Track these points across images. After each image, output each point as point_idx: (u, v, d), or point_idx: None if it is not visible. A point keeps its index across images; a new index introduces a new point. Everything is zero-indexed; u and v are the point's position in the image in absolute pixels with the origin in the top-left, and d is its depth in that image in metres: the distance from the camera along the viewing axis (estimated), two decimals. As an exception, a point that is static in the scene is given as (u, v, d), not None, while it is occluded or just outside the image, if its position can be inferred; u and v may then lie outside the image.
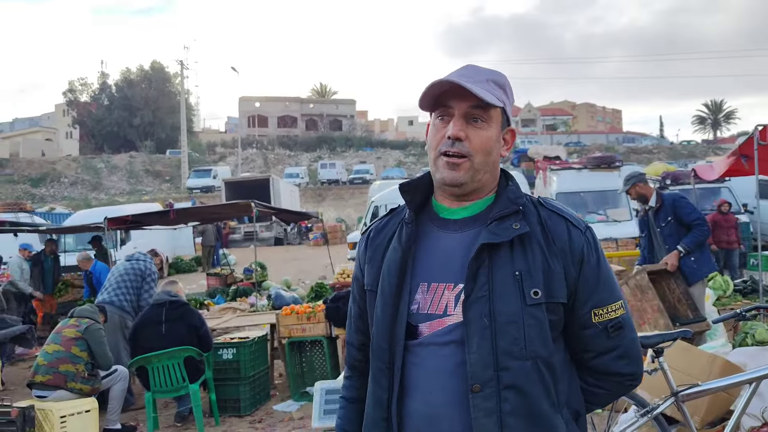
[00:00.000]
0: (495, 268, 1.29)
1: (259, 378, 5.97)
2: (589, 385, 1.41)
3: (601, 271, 1.36)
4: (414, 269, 1.37)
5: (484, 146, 1.35)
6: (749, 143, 5.99)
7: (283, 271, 17.02)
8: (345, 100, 69.16)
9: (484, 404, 1.24)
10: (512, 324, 1.27)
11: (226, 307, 8.19)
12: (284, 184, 28.80)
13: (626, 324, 1.39)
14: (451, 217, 1.40)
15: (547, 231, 1.34)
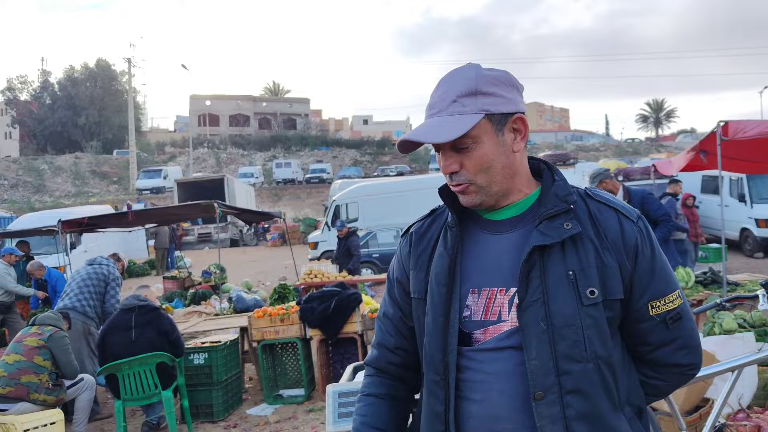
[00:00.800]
0: (547, 269, 1.25)
1: (231, 382, 5.82)
2: (649, 378, 1.38)
3: (656, 262, 1.32)
4: (462, 275, 1.32)
5: (481, 166, 1.28)
6: (710, 139, 6.18)
7: (241, 273, 16.74)
8: (299, 99, 68.60)
9: (548, 411, 1.21)
10: (570, 327, 1.22)
11: (191, 311, 7.98)
12: (239, 184, 28.33)
13: (684, 314, 1.35)
14: (496, 218, 1.35)
15: (597, 225, 1.29)
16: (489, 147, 1.28)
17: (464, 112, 1.26)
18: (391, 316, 1.48)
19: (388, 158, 51.25)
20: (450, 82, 1.30)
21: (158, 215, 10.79)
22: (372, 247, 14.39)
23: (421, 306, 1.37)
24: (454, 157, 1.29)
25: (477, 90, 1.27)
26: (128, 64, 45.86)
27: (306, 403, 5.86)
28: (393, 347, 1.47)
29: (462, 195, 1.32)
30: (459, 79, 1.29)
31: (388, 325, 1.49)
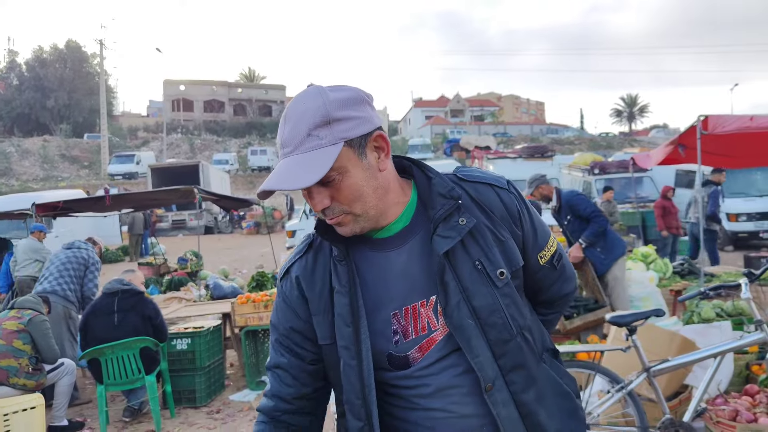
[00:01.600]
0: (458, 268, 1.26)
1: (214, 368, 5.79)
2: (546, 316, 1.50)
3: (533, 219, 1.39)
4: (374, 303, 1.28)
5: (352, 195, 1.23)
6: (690, 133, 6.29)
7: (217, 261, 16.61)
8: (275, 86, 67.84)
9: (500, 397, 1.25)
10: (495, 312, 1.26)
11: (171, 296, 7.90)
12: (214, 171, 28.01)
13: (562, 251, 1.47)
14: (386, 235, 1.31)
15: (482, 205, 1.31)
16: (356, 174, 1.22)
17: (322, 146, 1.18)
18: (285, 365, 1.37)
19: (364, 147, 51.12)
20: (298, 113, 1.21)
21: (136, 200, 10.60)
22: (350, 236, 14.40)
23: (333, 350, 1.30)
24: (322, 192, 1.22)
25: (329, 118, 1.19)
26: (100, 46, 44.90)
27: (289, 389, 5.86)
28: (290, 398, 1.38)
29: (340, 227, 1.26)
30: (307, 109, 1.20)
31: (283, 375, 1.38)
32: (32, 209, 8.59)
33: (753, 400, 3.90)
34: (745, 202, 14.12)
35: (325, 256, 1.32)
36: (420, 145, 43.97)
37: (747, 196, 14.28)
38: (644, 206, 12.66)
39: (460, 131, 51.40)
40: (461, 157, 33.75)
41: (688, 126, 6.38)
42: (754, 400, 3.90)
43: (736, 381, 4.44)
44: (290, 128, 1.20)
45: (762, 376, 4.34)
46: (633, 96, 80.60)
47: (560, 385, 1.36)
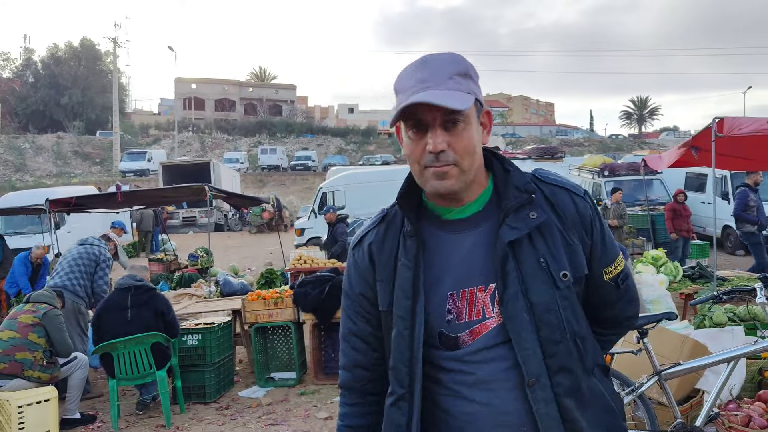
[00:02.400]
0: (521, 259, 1.27)
1: (224, 364, 5.82)
2: (603, 336, 1.48)
3: (604, 232, 1.39)
4: (434, 281, 1.31)
5: (468, 148, 1.27)
6: (704, 135, 6.26)
7: (226, 258, 16.67)
8: (285, 85, 68.07)
9: (542, 394, 1.25)
10: (550, 312, 1.27)
11: (182, 293, 7.94)
12: (225, 169, 28.12)
13: (629, 272, 1.46)
14: (457, 217, 1.34)
15: (555, 206, 1.33)
16: (474, 131, 1.28)
17: (460, 89, 1.25)
18: (357, 331, 1.43)
19: (373, 147, 51.18)
20: (439, 60, 1.28)
21: (147, 197, 10.67)
22: (359, 235, 14.41)
23: (390, 318, 1.35)
24: (442, 136, 1.25)
25: (468, 72, 1.28)
26: (113, 45, 45.24)
27: (298, 387, 5.88)
28: (366, 364, 1.43)
29: (441, 180, 1.27)
30: (451, 59, 1.28)
31: (356, 342, 1.44)
32: (46, 205, 8.66)
33: (766, 406, 3.88)
34: (759, 206, 13.99)
35: (395, 230, 1.37)
36: (430, 145, 43.91)
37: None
38: (654, 209, 12.58)
39: (469, 132, 51.22)
40: (471, 158, 33.59)
41: (703, 128, 6.34)
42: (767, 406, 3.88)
43: (749, 386, 4.41)
44: (432, 70, 1.26)
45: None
46: (643, 98, 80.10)
47: (607, 400, 1.35)
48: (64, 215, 14.76)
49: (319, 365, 6.05)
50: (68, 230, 15.58)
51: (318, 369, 6.01)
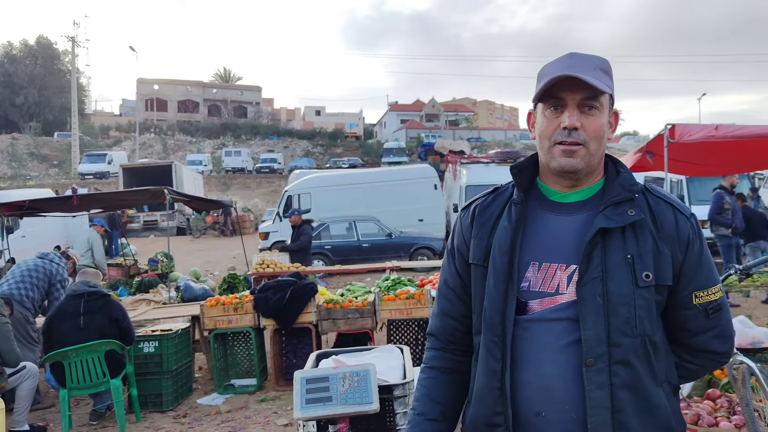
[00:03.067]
0: (608, 250, 1.34)
1: (182, 371, 5.72)
2: (683, 360, 1.48)
3: (703, 255, 1.43)
4: (523, 248, 1.41)
5: (598, 133, 1.39)
6: (657, 141, 6.41)
7: (188, 262, 16.42)
8: (250, 87, 67.43)
9: (597, 378, 1.30)
10: (624, 305, 1.32)
11: (140, 299, 7.77)
12: (188, 171, 27.67)
13: (724, 306, 1.46)
14: (562, 200, 1.44)
15: (655, 217, 1.40)
16: (604, 121, 1.40)
17: (602, 80, 1.37)
18: (452, 284, 1.56)
19: (340, 150, 51.07)
20: (583, 55, 1.41)
21: (105, 200, 10.42)
22: (324, 239, 14.33)
23: (479, 272, 1.46)
24: (576, 115, 1.37)
25: (607, 71, 1.42)
26: (72, 44, 44.14)
27: (258, 393, 5.81)
28: (457, 315, 1.55)
29: (568, 158, 1.37)
30: (594, 56, 1.42)
31: (450, 294, 1.57)
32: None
33: (714, 404, 3.99)
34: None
35: (502, 199, 1.50)
36: (395, 148, 44.04)
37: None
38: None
39: (434, 135, 51.58)
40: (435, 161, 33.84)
41: (656, 134, 6.49)
42: (716, 404, 3.98)
43: (699, 385, 4.53)
44: (578, 60, 1.38)
45: (723, 380, 4.43)
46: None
47: (668, 417, 1.37)
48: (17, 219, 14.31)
49: (279, 371, 5.99)
50: (22, 234, 15.12)
51: (279, 375, 5.96)
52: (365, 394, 2.19)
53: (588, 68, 1.37)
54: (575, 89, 1.36)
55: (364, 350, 3.23)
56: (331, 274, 12.82)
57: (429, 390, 1.55)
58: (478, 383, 1.45)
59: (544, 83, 1.37)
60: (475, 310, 1.49)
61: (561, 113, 1.38)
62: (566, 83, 1.35)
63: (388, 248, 13.96)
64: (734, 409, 3.85)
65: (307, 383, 2.16)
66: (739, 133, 5.66)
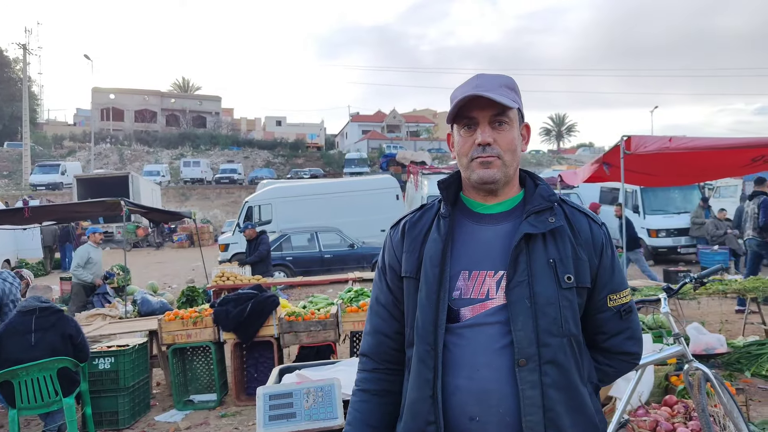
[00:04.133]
0: (533, 255, 1.42)
1: (138, 388, 5.56)
2: (601, 364, 1.55)
3: (614, 261, 1.54)
4: (453, 258, 1.47)
5: (510, 146, 1.47)
6: (613, 152, 6.56)
7: (146, 275, 16.06)
8: (210, 96, 66.58)
9: (529, 377, 1.35)
10: (551, 305, 1.39)
11: (95, 313, 7.54)
12: (145, 182, 27.13)
13: (634, 308, 1.58)
14: (486, 212, 1.52)
15: (572, 225, 1.50)
16: (516, 134, 1.49)
17: (508, 96, 1.46)
18: (384, 301, 1.59)
19: (301, 161, 50.80)
20: (490, 76, 1.50)
21: (58, 212, 10.10)
22: (286, 250, 14.19)
23: (412, 284, 1.50)
24: (489, 132, 1.45)
25: (514, 87, 1.51)
26: (23, 51, 42.88)
27: (218, 409, 5.69)
28: (390, 332, 1.58)
29: (486, 169, 1.45)
30: (498, 75, 1.51)
31: (382, 311, 1.59)
32: (-58, 221, 8.06)
33: (671, 410, 4.07)
34: (664, 218, 14.85)
35: (428, 216, 1.56)
36: (357, 159, 44.05)
37: (666, 213, 15.02)
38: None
39: (396, 146, 51.83)
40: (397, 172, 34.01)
41: (613, 145, 6.63)
42: (673, 410, 4.07)
43: (657, 392, 4.63)
44: (485, 80, 1.48)
45: (680, 386, 4.54)
46: (561, 116, 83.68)
47: (593, 416, 1.44)
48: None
49: (240, 386, 5.88)
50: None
51: (240, 390, 5.84)
52: (330, 409, 2.16)
53: (494, 87, 1.45)
54: (484, 108, 1.44)
55: (328, 364, 3.19)
56: (293, 286, 12.70)
57: (362, 414, 1.56)
58: (410, 396, 1.47)
59: (454, 105, 1.45)
60: (407, 323, 1.52)
61: (474, 131, 1.47)
62: (475, 103, 1.44)
63: (350, 259, 13.91)
64: (690, 415, 3.94)
65: (270, 399, 2.11)
66: (692, 145, 5.83)
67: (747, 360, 5.69)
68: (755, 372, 5.51)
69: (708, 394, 3.56)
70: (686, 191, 15.26)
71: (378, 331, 1.59)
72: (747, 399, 4.56)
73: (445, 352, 1.41)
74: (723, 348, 5.82)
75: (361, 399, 1.58)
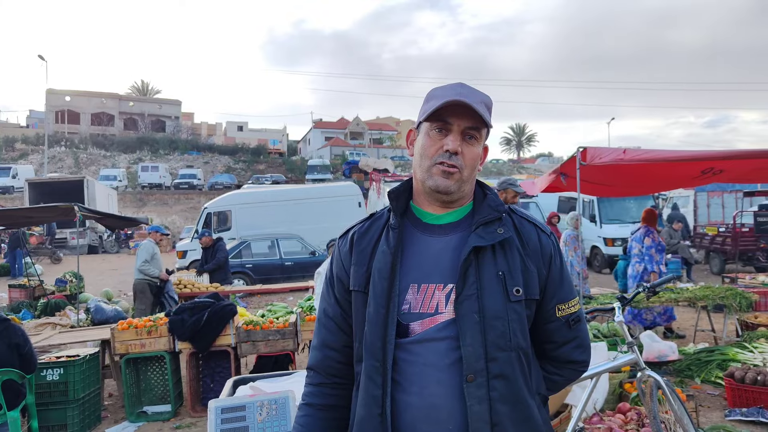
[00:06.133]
0: (482, 268, 1.40)
1: (89, 400, 5.38)
2: (550, 373, 1.55)
3: (563, 271, 1.53)
4: (402, 271, 1.44)
5: (473, 162, 1.47)
6: (570, 163, 6.68)
7: (100, 283, 15.65)
8: (169, 100, 65.44)
9: (477, 392, 1.33)
10: (499, 319, 1.38)
11: (44, 322, 7.29)
12: (100, 187, 26.44)
13: (582, 317, 1.57)
14: (435, 222, 1.50)
15: (521, 235, 1.49)
16: (480, 151, 1.49)
17: (484, 113, 1.44)
18: (332, 314, 1.55)
19: (263, 167, 50.35)
20: (471, 88, 1.48)
21: (8, 217, 9.76)
22: (245, 257, 14.01)
23: (360, 298, 1.47)
24: (460, 141, 1.44)
25: (490, 107, 1.50)
26: (-26, 50, 41.43)
27: (172, 420, 5.56)
28: (337, 345, 1.54)
29: (446, 179, 1.44)
30: (481, 93, 1.49)
31: (330, 324, 1.55)
32: None
33: (625, 417, 4.15)
34: (619, 228, 15.20)
35: (378, 225, 1.53)
36: (319, 165, 43.90)
37: (621, 222, 15.39)
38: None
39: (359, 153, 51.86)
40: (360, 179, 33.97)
41: (569, 156, 6.76)
42: (626, 417, 4.15)
43: (611, 399, 4.72)
44: (468, 91, 1.45)
45: (633, 393, 4.63)
46: (521, 126, 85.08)
47: (540, 428, 1.43)
48: None
49: (196, 396, 5.75)
50: None
51: (195, 400, 5.72)
52: (284, 422, 2.12)
53: (476, 100, 1.44)
54: (462, 117, 1.43)
55: (283, 375, 3.14)
56: (252, 294, 12.55)
57: (306, 429, 1.52)
58: (358, 414, 1.43)
59: (436, 104, 1.42)
60: (356, 338, 1.49)
61: (445, 136, 1.45)
62: (455, 109, 1.42)
63: (311, 266, 13.79)
64: (643, 422, 4.02)
65: (222, 413, 2.06)
66: (645, 157, 5.97)
67: (697, 367, 5.85)
68: (705, 378, 5.67)
69: (659, 401, 3.64)
70: (641, 201, 15.66)
71: (325, 344, 1.55)
72: (697, 405, 4.69)
73: (394, 368, 1.38)
74: (674, 355, 5.97)
75: (305, 413, 1.54)
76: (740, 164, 6.44)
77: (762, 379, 4.84)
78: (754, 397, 4.83)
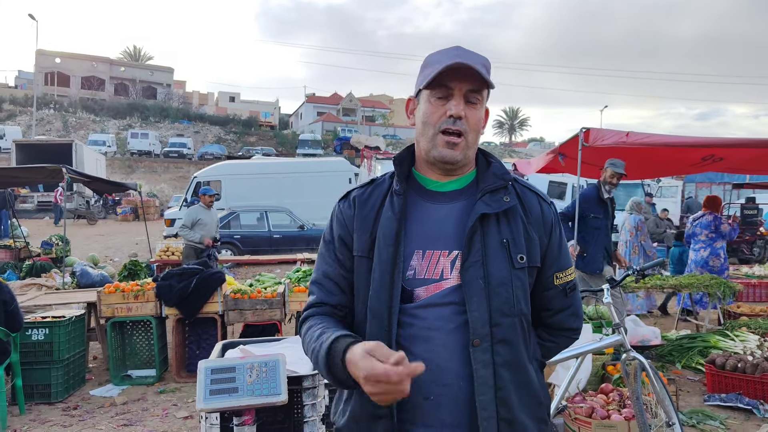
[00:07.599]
0: (487, 235, 1.41)
1: (74, 361, 5.38)
2: (544, 340, 1.57)
3: (562, 240, 1.55)
4: (407, 238, 1.43)
5: (477, 125, 1.45)
6: (571, 143, 6.64)
7: (87, 247, 15.57)
8: (161, 67, 64.56)
9: (482, 357, 1.36)
10: (503, 285, 1.40)
11: (30, 283, 7.26)
12: (89, 152, 26.19)
13: (577, 286, 1.61)
14: (439, 189, 1.49)
15: (524, 204, 1.50)
16: (483, 114, 1.47)
17: (485, 74, 1.41)
18: (332, 275, 1.51)
19: (254, 139, 50.02)
20: (470, 50, 1.45)
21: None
22: (234, 228, 13.95)
23: (364, 264, 1.45)
24: (463, 105, 1.42)
25: (489, 68, 1.46)
26: (-38, 5, 40.57)
27: (157, 385, 5.57)
28: (334, 303, 1.50)
29: (451, 149, 1.43)
30: (476, 53, 1.45)
31: (329, 285, 1.51)
32: None
33: (607, 398, 4.21)
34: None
35: (380, 192, 1.51)
36: (310, 140, 43.68)
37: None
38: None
39: (351, 130, 51.67)
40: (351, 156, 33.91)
41: (571, 136, 6.71)
42: (608, 398, 4.20)
43: (594, 380, 4.78)
44: (466, 53, 1.42)
45: (616, 375, 4.69)
46: (515, 109, 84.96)
47: (539, 392, 1.46)
48: None
49: (181, 362, 5.76)
50: None
51: (180, 366, 5.73)
52: (274, 385, 2.12)
53: (476, 61, 1.41)
54: (463, 80, 1.41)
55: (272, 341, 3.14)
56: (240, 265, 12.53)
57: (327, 323, 1.44)
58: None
59: (435, 70, 1.39)
60: (359, 300, 1.47)
61: (447, 101, 1.43)
62: (455, 73, 1.39)
63: (299, 240, 13.80)
64: (624, 403, 4.07)
65: (212, 373, 2.05)
66: (648, 141, 5.94)
67: (678, 352, 5.93)
68: (686, 364, 5.75)
69: (642, 383, 3.69)
70: (630, 188, 15.74)
71: (322, 301, 1.50)
72: (677, 389, 4.76)
73: (399, 331, 1.39)
74: (657, 340, 6.05)
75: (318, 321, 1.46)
76: (740, 153, 6.45)
77: (742, 367, 4.91)
78: (733, 384, 4.91)
